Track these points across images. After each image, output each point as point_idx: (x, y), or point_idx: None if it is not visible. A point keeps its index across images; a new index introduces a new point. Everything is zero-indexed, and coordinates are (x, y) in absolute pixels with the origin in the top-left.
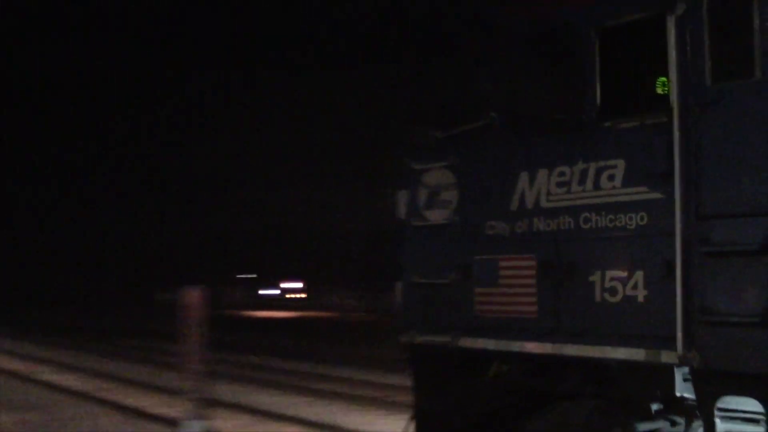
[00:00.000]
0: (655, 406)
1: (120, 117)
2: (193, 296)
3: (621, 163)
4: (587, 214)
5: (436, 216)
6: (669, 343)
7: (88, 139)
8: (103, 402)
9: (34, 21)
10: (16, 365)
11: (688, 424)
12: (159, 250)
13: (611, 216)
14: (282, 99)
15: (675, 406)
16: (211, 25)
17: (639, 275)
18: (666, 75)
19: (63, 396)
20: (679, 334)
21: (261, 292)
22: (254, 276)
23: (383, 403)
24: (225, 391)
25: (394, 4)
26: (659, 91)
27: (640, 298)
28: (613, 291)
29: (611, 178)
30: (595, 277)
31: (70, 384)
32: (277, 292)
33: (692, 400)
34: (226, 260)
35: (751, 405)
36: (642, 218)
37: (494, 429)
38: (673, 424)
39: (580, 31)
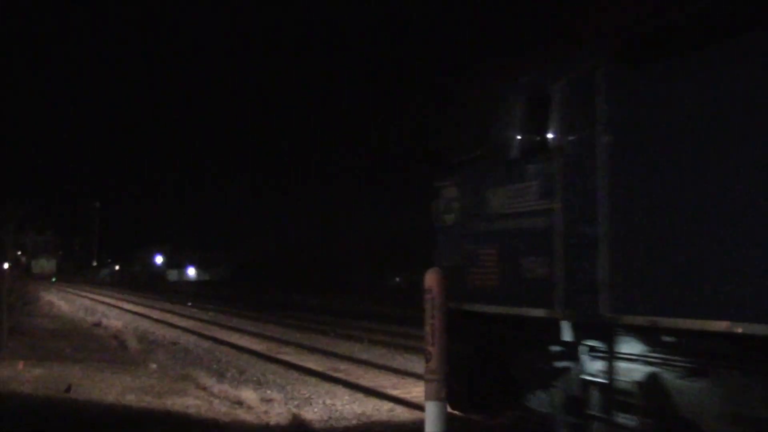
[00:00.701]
0: (556, 348)
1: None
2: (434, 278)
3: (536, 185)
4: (519, 218)
5: (449, 219)
6: (557, 303)
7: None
8: (336, 381)
9: None
10: (259, 346)
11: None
12: (390, 237)
13: (531, 219)
14: None
15: (566, 349)
16: None
17: (544, 260)
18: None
19: (300, 375)
20: (559, 296)
21: None
22: None
23: None
24: None
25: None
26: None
27: (545, 274)
28: (531, 270)
29: (531, 194)
30: (522, 261)
31: (307, 364)
32: None
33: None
34: None
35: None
36: (545, 221)
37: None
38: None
39: (510, 95)
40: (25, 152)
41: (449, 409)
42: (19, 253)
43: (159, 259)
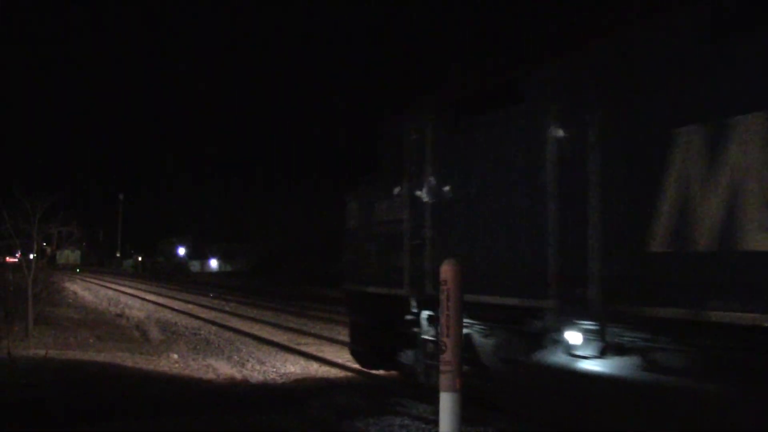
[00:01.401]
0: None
1: None
2: (449, 271)
3: (398, 201)
4: (389, 225)
5: (352, 224)
6: (406, 284)
7: None
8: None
9: None
10: (280, 338)
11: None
12: None
13: (394, 225)
14: None
15: (414, 317)
16: None
17: (400, 254)
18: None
19: (319, 365)
20: (407, 280)
21: None
22: None
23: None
24: None
25: None
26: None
27: (401, 265)
28: (394, 261)
29: (395, 208)
30: (390, 255)
31: (326, 356)
32: None
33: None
34: None
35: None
36: (401, 228)
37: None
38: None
39: (381, 135)
40: (51, 146)
41: (359, 366)
42: (45, 244)
43: (181, 251)
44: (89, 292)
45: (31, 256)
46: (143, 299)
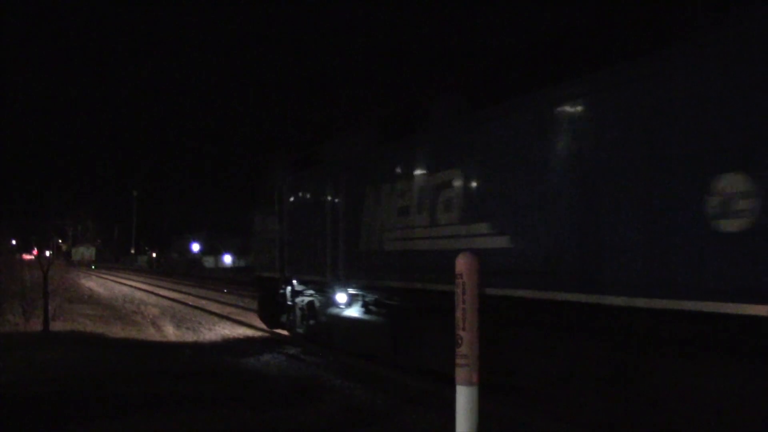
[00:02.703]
0: (283, 291)
1: None
2: (465, 263)
3: (277, 217)
4: (273, 232)
5: (257, 229)
6: (277, 270)
7: None
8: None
9: None
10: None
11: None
12: None
13: (274, 231)
14: None
15: (287, 292)
16: None
17: (275, 250)
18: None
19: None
20: (278, 266)
21: None
22: None
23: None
24: None
25: None
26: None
27: (276, 256)
28: (274, 254)
29: (275, 221)
30: (272, 251)
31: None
32: None
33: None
34: None
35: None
36: (276, 234)
37: (277, 302)
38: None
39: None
40: (67, 145)
41: (267, 328)
42: (60, 241)
43: (195, 247)
44: (104, 288)
45: (47, 254)
46: (158, 295)
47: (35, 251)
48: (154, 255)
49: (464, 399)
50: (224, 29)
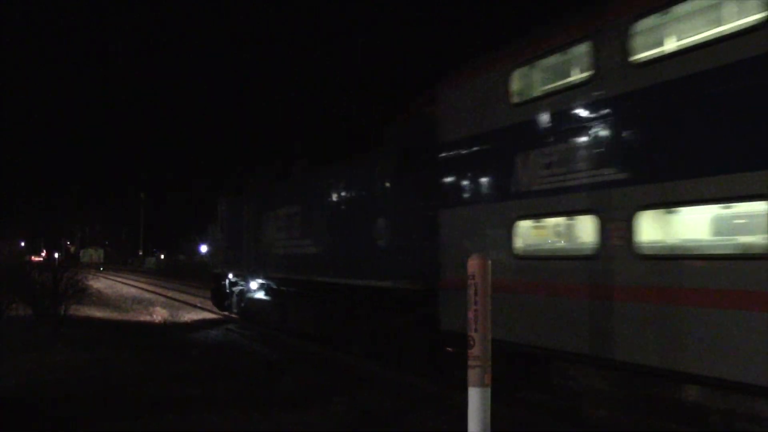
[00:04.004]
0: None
1: None
2: (477, 264)
3: (226, 227)
4: (221, 238)
5: (215, 234)
6: (225, 267)
7: None
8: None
9: None
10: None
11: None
12: None
13: (221, 237)
14: None
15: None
16: None
17: (223, 250)
18: None
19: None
20: (221, 264)
21: None
22: None
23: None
24: None
25: None
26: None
27: (223, 256)
28: (222, 256)
29: (221, 229)
30: (223, 252)
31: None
32: None
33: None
34: None
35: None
36: (221, 242)
37: (223, 291)
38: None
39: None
40: (75, 148)
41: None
42: (69, 243)
43: (203, 249)
44: (113, 290)
45: (56, 255)
46: (166, 297)
47: (44, 253)
48: (162, 257)
49: (477, 400)
50: (233, 40)
